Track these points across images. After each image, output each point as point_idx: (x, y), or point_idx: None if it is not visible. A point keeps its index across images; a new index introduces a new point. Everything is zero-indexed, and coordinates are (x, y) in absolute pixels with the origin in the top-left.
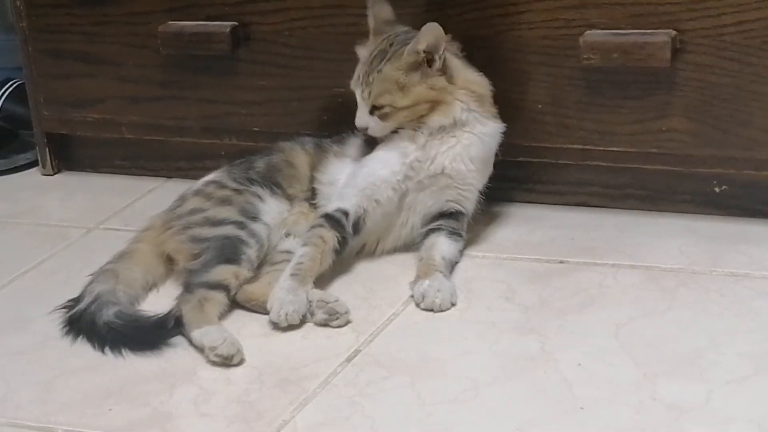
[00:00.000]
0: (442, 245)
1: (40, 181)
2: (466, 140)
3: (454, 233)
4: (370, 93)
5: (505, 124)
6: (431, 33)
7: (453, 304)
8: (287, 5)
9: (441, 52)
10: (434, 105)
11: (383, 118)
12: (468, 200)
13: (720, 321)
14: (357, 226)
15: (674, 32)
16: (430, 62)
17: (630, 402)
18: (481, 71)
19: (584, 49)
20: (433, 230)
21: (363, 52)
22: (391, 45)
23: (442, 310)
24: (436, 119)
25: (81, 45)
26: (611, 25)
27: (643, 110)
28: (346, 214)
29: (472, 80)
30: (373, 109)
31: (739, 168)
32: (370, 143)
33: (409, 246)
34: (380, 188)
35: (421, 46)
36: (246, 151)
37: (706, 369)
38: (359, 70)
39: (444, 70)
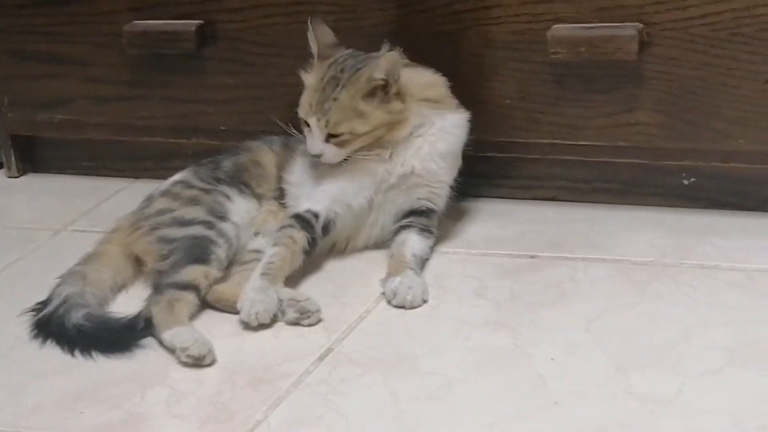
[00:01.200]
0: (413, 242)
1: (6, 183)
2: (432, 137)
3: (424, 230)
4: (327, 122)
5: (469, 113)
6: (389, 62)
7: (424, 301)
8: (253, 3)
9: (397, 79)
10: (392, 125)
11: (341, 145)
12: (439, 197)
13: (691, 313)
14: (327, 228)
15: (641, 25)
16: (386, 88)
17: (604, 396)
18: (448, 67)
19: (551, 43)
20: (403, 227)
21: (309, 78)
22: (341, 71)
23: (413, 307)
24: (396, 134)
25: (46, 45)
26: (578, 19)
27: (612, 104)
28: (316, 215)
29: (426, 86)
30: (329, 137)
31: (708, 160)
32: None
33: (380, 244)
34: (352, 197)
35: (379, 75)
36: (214, 150)
37: (678, 361)
38: (310, 98)
39: (398, 92)
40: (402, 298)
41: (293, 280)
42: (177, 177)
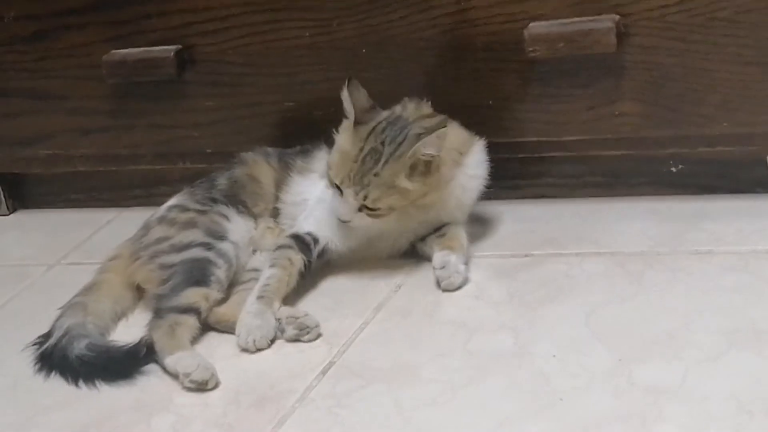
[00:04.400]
0: (461, 231)
1: None
2: (456, 188)
3: (463, 227)
4: (366, 196)
5: (483, 139)
6: (437, 141)
7: (464, 283)
8: (228, 24)
9: (441, 152)
10: (427, 193)
11: (375, 216)
12: (463, 217)
13: (689, 300)
14: (323, 254)
15: (617, 17)
16: (428, 162)
17: (607, 389)
18: (428, 73)
19: (529, 41)
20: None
21: (344, 143)
22: (382, 144)
23: (456, 287)
24: (429, 199)
25: (25, 82)
26: (554, 15)
27: (594, 97)
28: (316, 240)
29: (456, 145)
30: (363, 208)
31: (694, 146)
32: None
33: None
34: (356, 237)
35: (429, 151)
36: (202, 173)
37: (679, 349)
38: (346, 168)
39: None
40: (450, 271)
41: (289, 298)
42: (172, 201)
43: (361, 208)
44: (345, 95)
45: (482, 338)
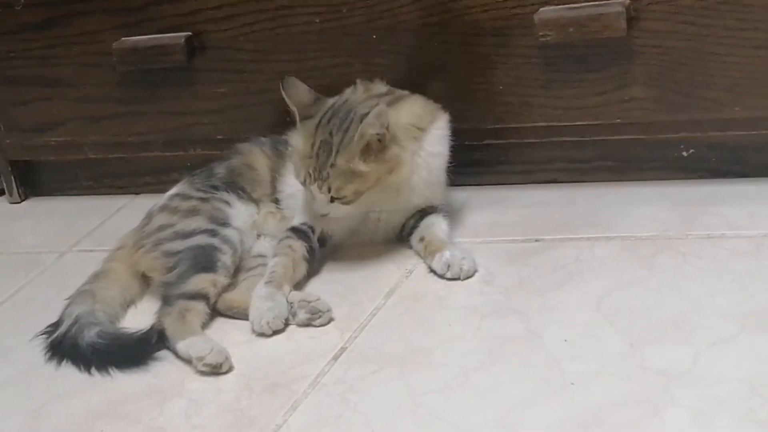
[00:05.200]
0: (441, 224)
1: (8, 209)
2: (422, 170)
3: (443, 214)
4: (329, 188)
5: (447, 113)
6: (378, 116)
7: (476, 270)
8: (238, 11)
9: (387, 126)
10: (391, 169)
11: (346, 203)
12: (439, 199)
13: (700, 284)
14: (323, 241)
15: (628, 1)
16: (380, 139)
17: (619, 373)
18: (438, 58)
19: (539, 26)
20: (424, 214)
21: (297, 141)
22: (330, 134)
23: (468, 277)
24: (398, 176)
25: (36, 69)
26: (564, 0)
27: (604, 82)
28: (312, 228)
29: (410, 119)
30: (334, 199)
31: (705, 130)
32: None
33: (383, 241)
34: (344, 218)
35: (372, 131)
36: (211, 160)
37: (691, 333)
38: (305, 165)
39: (392, 136)
40: (458, 268)
41: (300, 285)
42: (173, 191)
43: (332, 199)
44: (284, 95)
45: (493, 323)
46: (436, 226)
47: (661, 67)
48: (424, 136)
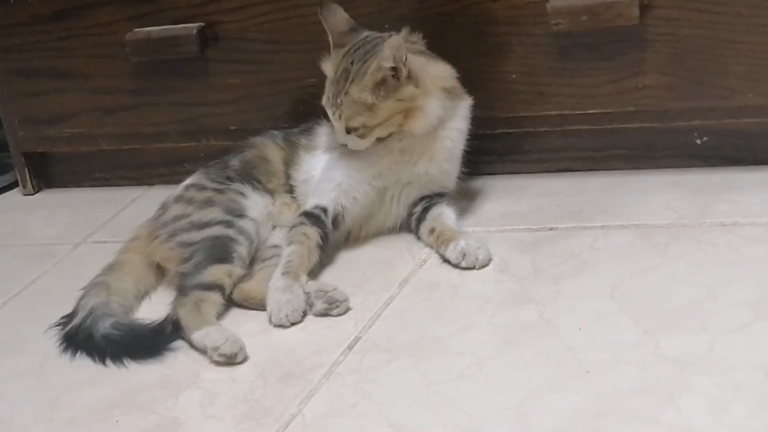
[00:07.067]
0: (449, 213)
1: (22, 201)
2: (446, 139)
3: (449, 203)
4: (341, 116)
5: (472, 98)
6: (392, 48)
7: (491, 259)
8: (251, 1)
9: (404, 61)
10: (408, 113)
11: (360, 137)
12: (452, 181)
13: (714, 271)
14: (336, 222)
15: None
16: (395, 74)
17: (634, 360)
18: (451, 47)
19: (552, 14)
20: (431, 204)
21: (328, 68)
22: (352, 62)
23: (483, 266)
24: (416, 126)
25: (49, 61)
26: None
27: (617, 70)
28: (324, 210)
29: (439, 76)
30: (348, 130)
31: (718, 117)
32: None
33: (393, 229)
34: (357, 185)
35: (386, 63)
36: (226, 150)
37: (705, 320)
38: (328, 89)
39: (410, 76)
40: (473, 258)
41: (313, 274)
42: (188, 181)
43: (349, 130)
44: (321, 19)
45: (508, 311)
46: (444, 215)
47: (674, 55)
48: (453, 105)
